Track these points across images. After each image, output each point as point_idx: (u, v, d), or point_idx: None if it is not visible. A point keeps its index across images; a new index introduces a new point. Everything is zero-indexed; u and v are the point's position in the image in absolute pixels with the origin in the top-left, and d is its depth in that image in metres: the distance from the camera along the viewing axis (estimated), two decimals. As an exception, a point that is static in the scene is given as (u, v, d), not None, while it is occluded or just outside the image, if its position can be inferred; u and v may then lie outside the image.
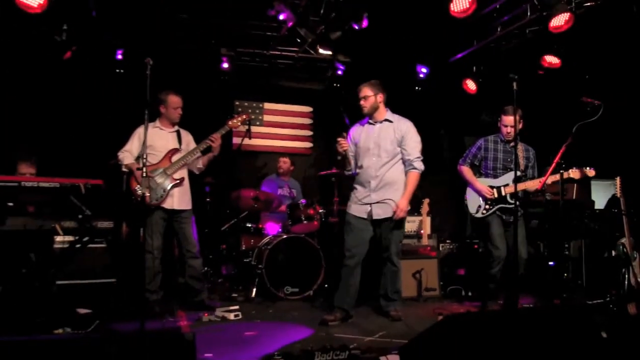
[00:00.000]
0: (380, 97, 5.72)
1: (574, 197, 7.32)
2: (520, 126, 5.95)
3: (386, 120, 5.76)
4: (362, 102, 5.71)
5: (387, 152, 5.65)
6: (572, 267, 7.18)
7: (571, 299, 6.68)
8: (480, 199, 6.13)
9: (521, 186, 5.88)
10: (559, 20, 6.59)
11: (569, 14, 6.50)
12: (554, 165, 5.58)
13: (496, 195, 6.03)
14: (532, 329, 3.17)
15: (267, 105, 9.80)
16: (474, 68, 8.72)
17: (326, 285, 7.20)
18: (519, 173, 5.94)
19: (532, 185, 5.84)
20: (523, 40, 7.55)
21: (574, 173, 5.65)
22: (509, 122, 5.92)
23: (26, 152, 5.80)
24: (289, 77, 9.61)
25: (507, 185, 5.99)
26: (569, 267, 7.15)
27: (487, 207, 6.08)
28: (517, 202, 5.47)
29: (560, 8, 6.51)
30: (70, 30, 7.11)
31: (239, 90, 9.49)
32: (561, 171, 5.50)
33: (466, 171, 6.31)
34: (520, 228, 5.96)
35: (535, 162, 6.18)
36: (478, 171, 6.32)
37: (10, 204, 3.93)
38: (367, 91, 5.69)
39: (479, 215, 6.13)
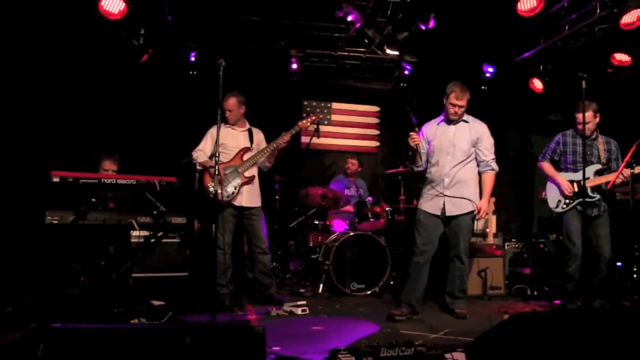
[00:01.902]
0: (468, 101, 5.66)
1: (645, 196, 7.14)
2: (597, 120, 5.85)
3: (462, 120, 5.72)
4: (457, 110, 5.60)
5: (462, 151, 5.64)
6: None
7: (643, 301, 6.51)
8: (561, 193, 6.02)
9: (602, 179, 5.77)
10: (631, 17, 6.45)
11: (643, 9, 6.37)
12: (624, 164, 5.50)
13: (576, 190, 5.88)
14: (602, 330, 3.04)
15: (335, 105, 9.90)
16: (541, 67, 8.58)
17: (392, 282, 7.24)
18: (600, 166, 5.87)
19: (614, 179, 5.64)
20: (591, 38, 7.37)
21: None
22: (579, 119, 5.71)
23: (110, 149, 6.00)
24: (356, 78, 9.68)
25: (587, 178, 5.65)
26: (639, 269, 6.96)
27: (567, 201, 5.94)
28: (600, 196, 5.35)
29: (632, 4, 6.36)
30: (147, 34, 7.40)
31: (307, 90, 9.63)
32: (632, 170, 5.42)
33: (547, 167, 6.20)
34: (604, 225, 5.88)
35: (618, 155, 5.96)
36: (558, 166, 6.18)
37: (93, 199, 4.08)
38: (466, 101, 5.58)
39: (559, 210, 6.01)
